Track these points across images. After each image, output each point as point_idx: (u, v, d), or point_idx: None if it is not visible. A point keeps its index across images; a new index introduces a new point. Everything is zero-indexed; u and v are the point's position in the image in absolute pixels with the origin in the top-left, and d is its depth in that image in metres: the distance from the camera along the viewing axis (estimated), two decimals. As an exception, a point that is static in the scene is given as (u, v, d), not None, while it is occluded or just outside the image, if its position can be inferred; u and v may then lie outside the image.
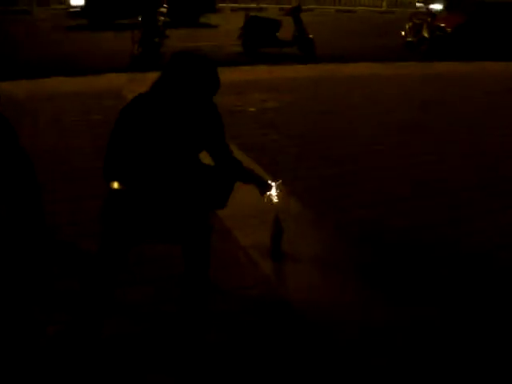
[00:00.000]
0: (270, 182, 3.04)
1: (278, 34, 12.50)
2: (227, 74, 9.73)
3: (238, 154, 5.22)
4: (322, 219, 4.17)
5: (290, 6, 14.02)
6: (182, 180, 2.62)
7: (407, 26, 14.85)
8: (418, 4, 24.16)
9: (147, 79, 2.81)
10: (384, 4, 24.84)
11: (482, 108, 7.95)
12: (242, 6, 23.35)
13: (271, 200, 3.03)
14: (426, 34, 13.81)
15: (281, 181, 3.08)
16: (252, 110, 7.44)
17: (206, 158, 2.80)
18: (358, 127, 6.68)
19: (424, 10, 15.73)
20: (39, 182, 3.25)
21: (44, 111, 7.12)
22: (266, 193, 3.02)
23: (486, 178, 5.10)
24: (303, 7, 14.05)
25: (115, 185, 2.56)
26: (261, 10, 22.76)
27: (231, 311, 3.00)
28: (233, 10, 24.23)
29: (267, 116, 7.10)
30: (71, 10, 16.73)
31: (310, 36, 12.26)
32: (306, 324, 2.91)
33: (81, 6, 16.08)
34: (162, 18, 11.46)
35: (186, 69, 2.59)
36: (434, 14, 14.25)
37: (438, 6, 21.77)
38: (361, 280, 3.35)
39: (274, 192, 3.02)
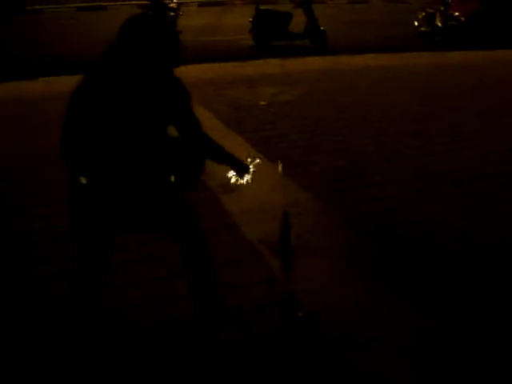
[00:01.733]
0: (247, 163, 2.76)
1: (289, 26, 12.41)
2: (238, 68, 9.86)
3: (246, 147, 5.29)
4: (333, 213, 4.10)
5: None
6: (148, 158, 2.43)
7: (420, 16, 14.66)
8: None
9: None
10: (397, -6, 24.63)
11: (497, 97, 7.81)
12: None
13: (237, 180, 2.76)
14: (439, 24, 13.60)
15: (281, 163, 2.93)
16: (263, 103, 7.37)
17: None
18: (370, 119, 6.58)
19: None
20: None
21: (55, 111, 7.10)
22: (242, 175, 2.74)
23: (501, 168, 4.99)
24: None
25: (82, 180, 2.39)
26: (272, 2, 22.66)
27: (239, 308, 2.95)
28: (244, 3, 24.17)
29: (278, 109, 7.03)
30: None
31: (322, 28, 12.15)
32: (315, 321, 2.86)
33: None
34: (172, 14, 11.42)
35: (137, 31, 2.36)
36: (447, 3, 14.02)
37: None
38: (372, 276, 3.27)
39: (249, 175, 2.74)
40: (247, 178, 2.74)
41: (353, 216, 4.01)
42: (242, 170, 2.74)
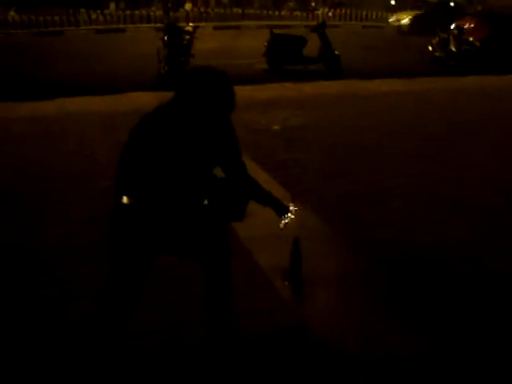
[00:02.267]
0: (289, 205, 2.95)
1: (303, 50, 12.51)
2: (252, 92, 9.94)
3: (259, 173, 5.31)
4: (345, 238, 4.09)
5: (316, 23, 13.99)
6: (194, 193, 2.56)
7: (434, 41, 14.74)
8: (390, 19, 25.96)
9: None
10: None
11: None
12: (266, 23, 23.57)
13: (285, 225, 2.92)
14: (453, 48, 13.66)
15: (297, 206, 3.00)
16: (276, 127, 7.41)
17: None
18: (385, 144, 6.58)
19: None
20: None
21: (69, 130, 7.23)
22: (283, 216, 2.92)
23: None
24: (328, 23, 14.08)
25: (124, 199, 2.48)
26: (287, 27, 22.88)
27: (248, 337, 2.94)
28: (258, 27, 24.45)
29: (292, 134, 7.06)
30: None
31: (336, 52, 12.23)
32: (324, 350, 2.84)
33: None
34: (188, 37, 11.55)
35: (201, 85, 2.56)
36: (461, 28, 14.10)
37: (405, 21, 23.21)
38: (382, 304, 3.25)
39: (291, 216, 2.92)
40: (287, 219, 2.91)
41: (365, 241, 4.01)
42: (283, 212, 2.91)
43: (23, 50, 16.67)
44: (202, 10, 29.55)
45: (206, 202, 2.61)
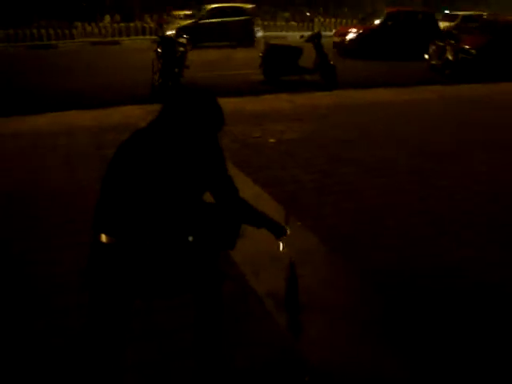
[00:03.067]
0: (284, 226, 2.81)
1: (299, 61, 12.39)
2: (246, 104, 9.80)
3: (253, 187, 5.15)
4: (343, 262, 3.92)
5: (311, 33, 13.90)
6: (181, 226, 2.36)
7: (431, 50, 14.65)
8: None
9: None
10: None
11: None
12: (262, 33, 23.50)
13: (284, 247, 2.82)
14: (449, 57, 13.55)
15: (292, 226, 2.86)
16: (272, 141, 7.25)
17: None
18: (381, 157, 6.42)
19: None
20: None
21: (58, 145, 7.06)
22: (280, 238, 2.80)
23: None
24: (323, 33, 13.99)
25: (103, 238, 2.27)
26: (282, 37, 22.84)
27: (242, 370, 2.77)
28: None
29: (287, 147, 6.90)
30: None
31: (332, 63, 12.12)
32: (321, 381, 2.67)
33: None
34: (182, 49, 11.43)
35: (188, 105, 2.41)
36: (457, 36, 14.02)
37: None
38: (381, 335, 3.07)
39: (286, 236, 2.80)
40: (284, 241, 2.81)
41: (364, 266, 3.82)
42: (279, 234, 2.78)
43: (15, 64, 16.52)
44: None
45: (190, 238, 2.38)
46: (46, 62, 16.74)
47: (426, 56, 14.86)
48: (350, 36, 18.11)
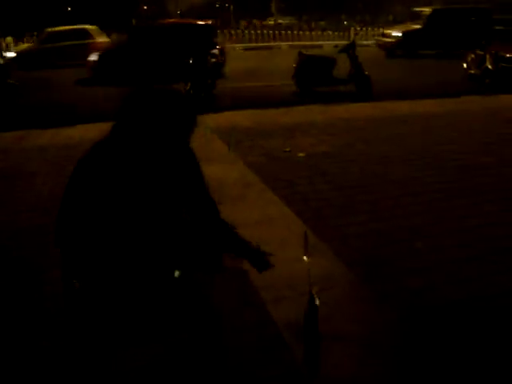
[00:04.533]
0: (266, 257, 2.48)
1: (333, 71, 12.21)
2: (279, 116, 9.64)
3: (278, 205, 4.94)
4: (367, 288, 3.71)
5: (345, 43, 13.70)
6: (167, 256, 2.09)
7: (469, 58, 14.26)
8: None
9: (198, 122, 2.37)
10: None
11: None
12: (297, 43, 23.36)
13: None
14: (489, 66, 13.14)
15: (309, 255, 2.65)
16: (301, 155, 7.06)
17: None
18: (416, 174, 6.16)
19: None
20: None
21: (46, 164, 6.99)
22: (263, 271, 2.49)
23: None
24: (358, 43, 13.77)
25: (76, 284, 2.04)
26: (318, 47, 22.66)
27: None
28: (291, 47, 24.30)
29: (317, 162, 6.70)
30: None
31: (366, 73, 11.87)
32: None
33: None
34: (214, 60, 11.39)
35: (147, 106, 2.11)
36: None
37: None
38: (406, 369, 2.87)
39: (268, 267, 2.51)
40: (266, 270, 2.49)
41: (388, 292, 3.60)
42: (262, 266, 2.46)
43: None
44: (233, 32, 29.59)
45: (177, 273, 2.11)
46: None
47: (465, 65, 14.47)
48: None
